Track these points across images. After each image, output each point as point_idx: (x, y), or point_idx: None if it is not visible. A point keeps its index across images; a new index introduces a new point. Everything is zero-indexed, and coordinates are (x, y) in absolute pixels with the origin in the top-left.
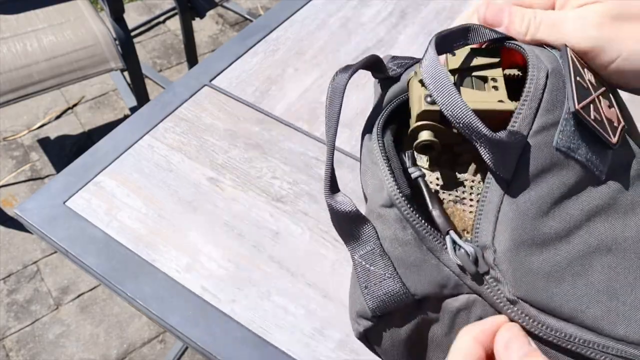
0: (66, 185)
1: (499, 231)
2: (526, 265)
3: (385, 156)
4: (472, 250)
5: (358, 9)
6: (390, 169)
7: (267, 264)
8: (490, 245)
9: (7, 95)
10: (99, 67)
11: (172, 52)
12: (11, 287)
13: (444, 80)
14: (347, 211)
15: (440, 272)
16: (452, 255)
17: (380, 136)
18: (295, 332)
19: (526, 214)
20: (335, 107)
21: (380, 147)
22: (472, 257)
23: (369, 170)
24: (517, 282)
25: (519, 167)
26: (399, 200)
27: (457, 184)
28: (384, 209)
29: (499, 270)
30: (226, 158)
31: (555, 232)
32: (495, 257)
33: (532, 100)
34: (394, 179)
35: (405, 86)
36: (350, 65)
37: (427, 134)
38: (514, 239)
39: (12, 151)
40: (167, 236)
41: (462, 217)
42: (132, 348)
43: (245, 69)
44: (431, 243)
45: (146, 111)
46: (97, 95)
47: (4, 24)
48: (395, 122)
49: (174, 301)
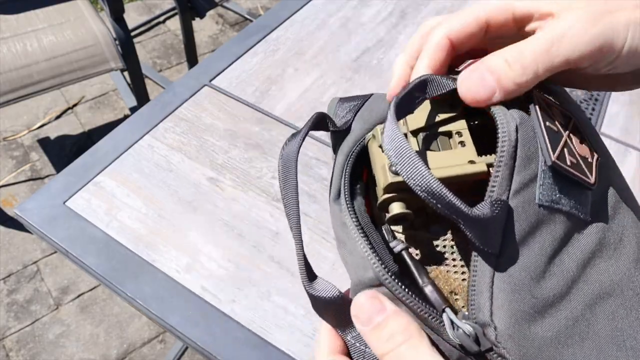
0: (66, 185)
1: (496, 307)
2: (530, 337)
3: (362, 231)
4: (471, 329)
5: (358, 9)
6: (370, 245)
7: (267, 264)
8: (490, 322)
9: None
10: (99, 67)
11: (172, 52)
12: (11, 287)
13: (410, 157)
14: (331, 297)
15: (442, 348)
16: (451, 335)
17: (350, 206)
18: (295, 332)
19: (522, 283)
20: (291, 181)
21: (354, 221)
22: (472, 337)
23: (346, 245)
24: (524, 357)
25: (505, 235)
26: (388, 280)
27: (436, 246)
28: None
29: (503, 347)
30: (226, 158)
31: (554, 293)
32: (497, 334)
33: (507, 159)
34: (378, 257)
35: (358, 136)
36: (296, 132)
37: (398, 206)
38: (513, 313)
39: (12, 151)
40: (167, 236)
41: (447, 278)
42: (132, 348)
43: (245, 69)
44: (428, 322)
45: (146, 111)
46: (97, 95)
47: (4, 24)
48: (358, 176)
49: (174, 301)
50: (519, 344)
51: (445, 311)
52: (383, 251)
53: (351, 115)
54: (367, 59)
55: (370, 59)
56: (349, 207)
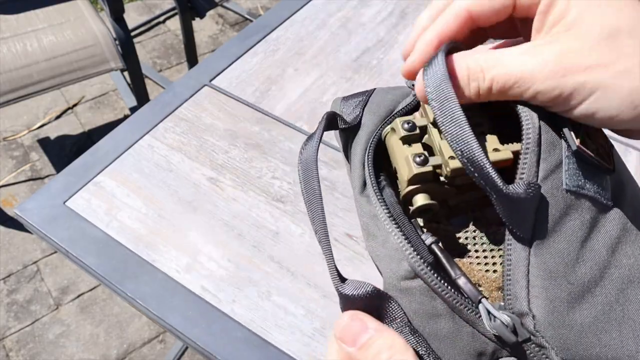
0: (66, 185)
1: (533, 295)
2: (569, 324)
3: (395, 222)
4: (509, 319)
5: (358, 9)
6: (405, 237)
7: (267, 264)
8: (528, 311)
9: (7, 95)
10: (99, 67)
11: (172, 52)
12: (11, 287)
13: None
14: (367, 292)
15: (477, 341)
16: (488, 326)
17: (380, 197)
18: (295, 332)
19: (557, 270)
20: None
21: (386, 212)
22: (510, 327)
23: (377, 238)
24: (564, 345)
25: (537, 220)
26: (425, 271)
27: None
28: (406, 282)
29: (541, 336)
30: (226, 158)
31: (589, 278)
32: (536, 323)
33: (533, 145)
34: (413, 248)
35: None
36: (311, 135)
37: (423, 197)
38: (551, 300)
39: (12, 151)
40: (167, 236)
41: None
42: (132, 348)
43: (245, 69)
44: (464, 313)
45: (146, 111)
46: (97, 95)
47: (4, 24)
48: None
49: (174, 301)
50: (558, 332)
51: (481, 302)
52: (418, 242)
53: (359, 110)
54: (367, 59)
55: (370, 59)
56: (379, 197)
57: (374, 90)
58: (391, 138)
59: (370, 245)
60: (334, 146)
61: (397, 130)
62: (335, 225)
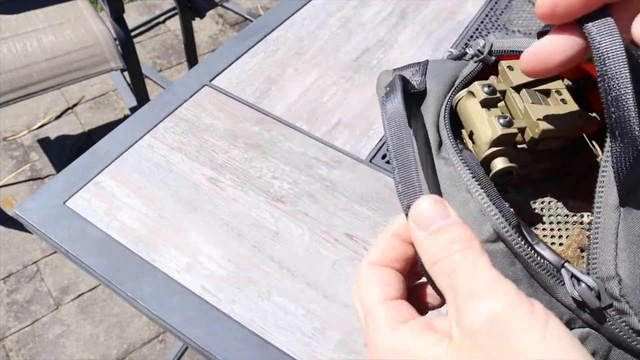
0: (66, 185)
1: (621, 259)
2: None
3: (479, 183)
4: (594, 283)
5: (358, 9)
6: (490, 198)
7: (267, 264)
8: (615, 275)
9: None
10: (99, 67)
11: (172, 52)
12: (11, 287)
13: (620, 56)
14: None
15: (553, 308)
16: (571, 290)
17: (462, 159)
18: (295, 332)
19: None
20: (405, 138)
21: (469, 172)
22: (595, 291)
23: (456, 199)
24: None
25: (632, 185)
26: (510, 233)
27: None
28: (488, 245)
29: (626, 301)
30: (226, 158)
31: None
32: (622, 288)
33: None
34: (498, 209)
35: (440, 93)
36: (388, 92)
37: (503, 161)
38: (639, 265)
39: (12, 151)
40: (167, 236)
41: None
42: (132, 348)
43: (245, 69)
44: (544, 278)
45: (146, 111)
46: (97, 95)
47: (4, 24)
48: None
49: (174, 301)
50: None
51: (564, 266)
52: (501, 204)
53: (419, 77)
54: (367, 59)
55: (370, 59)
56: (461, 158)
57: (427, 61)
58: (468, 101)
59: None
60: (334, 146)
61: (477, 93)
62: (335, 225)
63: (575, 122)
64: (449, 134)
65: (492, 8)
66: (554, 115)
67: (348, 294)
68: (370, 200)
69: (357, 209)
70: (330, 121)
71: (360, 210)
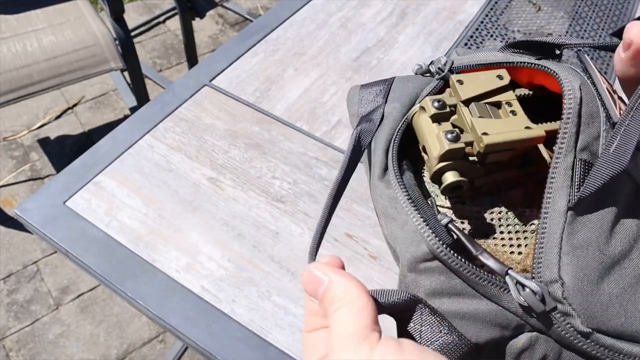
0: (66, 185)
1: (564, 262)
2: (597, 294)
3: (413, 205)
4: (538, 287)
5: (358, 9)
6: (423, 219)
7: (267, 264)
8: (557, 278)
9: (7, 95)
10: (99, 67)
11: (172, 52)
12: (11, 287)
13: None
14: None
15: (499, 316)
16: (516, 296)
17: (400, 180)
18: (295, 332)
19: (591, 240)
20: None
21: (405, 194)
22: (539, 295)
23: (396, 220)
24: (590, 313)
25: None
26: (443, 252)
27: (484, 219)
28: (425, 264)
29: (568, 303)
30: (226, 158)
31: (620, 251)
32: (564, 291)
33: (574, 116)
34: (431, 230)
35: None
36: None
37: (453, 175)
38: (582, 268)
39: (12, 151)
40: (167, 236)
41: (495, 251)
42: (132, 348)
43: (245, 69)
44: (486, 288)
45: (146, 111)
46: (97, 95)
47: (4, 24)
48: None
49: (174, 301)
50: (586, 300)
51: (508, 273)
52: (436, 224)
53: (381, 100)
54: (367, 59)
55: (370, 59)
56: (399, 181)
57: (393, 78)
58: (420, 117)
59: (389, 229)
60: (334, 146)
61: (427, 108)
62: (335, 225)
63: (522, 134)
64: (394, 157)
65: (492, 8)
66: (500, 128)
67: None
68: (370, 200)
69: (357, 209)
70: (330, 121)
71: (360, 210)
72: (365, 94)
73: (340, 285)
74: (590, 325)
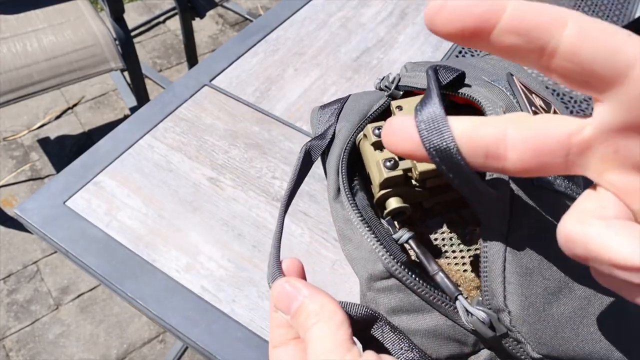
0: (66, 185)
1: (509, 291)
2: (545, 319)
3: (367, 225)
4: (485, 315)
5: (358, 9)
6: (377, 239)
7: (267, 264)
8: (503, 307)
9: (7, 95)
10: (99, 67)
11: (172, 52)
12: (11, 287)
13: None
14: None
15: (457, 332)
16: (465, 321)
17: (352, 201)
18: None
19: (532, 266)
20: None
21: (358, 215)
22: (487, 323)
23: (352, 241)
24: (539, 340)
25: (512, 216)
26: (398, 271)
27: (434, 240)
28: (382, 282)
29: (517, 331)
30: (226, 158)
31: (566, 272)
32: (512, 319)
33: None
34: (386, 249)
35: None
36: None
37: (396, 201)
38: (527, 296)
39: (12, 151)
40: (167, 236)
41: (448, 270)
42: (132, 348)
43: (245, 69)
44: (442, 309)
45: (146, 111)
46: (97, 95)
47: (4, 24)
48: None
49: (174, 301)
50: (534, 327)
51: (458, 299)
52: (390, 243)
53: (334, 119)
54: (367, 59)
55: (370, 59)
56: (351, 202)
57: (349, 96)
58: (364, 144)
59: (346, 249)
60: None
61: (369, 136)
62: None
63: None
64: (344, 178)
65: None
66: None
67: (348, 295)
68: None
69: None
70: None
71: None
72: (321, 114)
73: (316, 300)
74: (542, 352)
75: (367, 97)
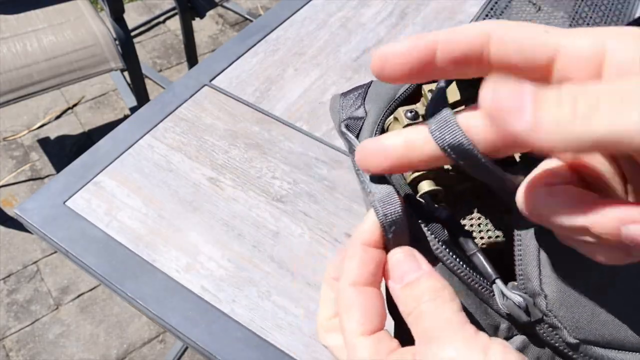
0: (66, 185)
1: (545, 275)
2: (583, 303)
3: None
4: (522, 300)
5: (358, 9)
6: (418, 218)
7: (267, 264)
8: (540, 291)
9: (7, 95)
10: (99, 67)
11: (172, 52)
12: (11, 287)
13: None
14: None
15: (492, 318)
16: (500, 305)
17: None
18: (295, 332)
19: (567, 248)
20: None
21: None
22: (522, 307)
23: None
24: (576, 324)
25: None
26: (440, 250)
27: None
28: None
29: (554, 316)
30: (226, 158)
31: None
32: (548, 303)
33: None
34: (426, 227)
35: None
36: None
37: (428, 184)
38: (564, 279)
39: (12, 151)
40: (167, 236)
41: None
42: (132, 348)
43: (245, 69)
44: (479, 292)
45: (146, 111)
46: (97, 95)
47: (4, 24)
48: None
49: (174, 301)
50: (570, 311)
51: (495, 282)
52: (431, 220)
53: (360, 102)
54: (367, 59)
55: (370, 59)
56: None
57: (371, 82)
58: (395, 127)
59: None
60: (334, 146)
61: (400, 119)
62: (335, 226)
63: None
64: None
65: (492, 8)
66: None
67: None
68: None
69: (357, 209)
70: (330, 121)
71: (360, 210)
72: (345, 101)
73: (437, 280)
74: (578, 337)
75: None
